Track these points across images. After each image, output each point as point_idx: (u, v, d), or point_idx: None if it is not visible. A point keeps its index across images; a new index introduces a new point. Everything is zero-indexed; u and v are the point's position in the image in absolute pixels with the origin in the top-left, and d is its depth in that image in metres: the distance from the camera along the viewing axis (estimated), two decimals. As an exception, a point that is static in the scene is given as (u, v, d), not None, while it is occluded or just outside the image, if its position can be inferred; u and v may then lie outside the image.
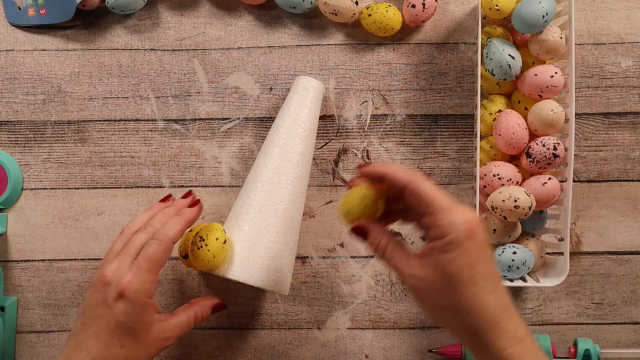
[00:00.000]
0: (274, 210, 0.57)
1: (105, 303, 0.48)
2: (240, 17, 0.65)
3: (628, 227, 0.64)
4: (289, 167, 0.58)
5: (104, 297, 0.49)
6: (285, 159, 0.58)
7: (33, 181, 0.64)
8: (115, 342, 0.48)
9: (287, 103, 0.60)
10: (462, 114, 0.64)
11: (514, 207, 0.54)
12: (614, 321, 0.64)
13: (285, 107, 0.60)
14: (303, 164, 0.59)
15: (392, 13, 0.62)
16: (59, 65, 0.65)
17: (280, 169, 0.58)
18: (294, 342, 0.64)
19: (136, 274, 0.49)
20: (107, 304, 0.48)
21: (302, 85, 0.60)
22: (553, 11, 0.56)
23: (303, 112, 0.59)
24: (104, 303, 0.48)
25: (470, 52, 0.64)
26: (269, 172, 0.58)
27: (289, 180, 0.58)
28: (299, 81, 0.60)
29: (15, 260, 0.64)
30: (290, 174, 0.58)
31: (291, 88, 0.61)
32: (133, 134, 0.64)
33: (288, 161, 0.58)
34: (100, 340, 0.48)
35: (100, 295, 0.49)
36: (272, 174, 0.57)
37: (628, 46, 0.64)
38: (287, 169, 0.58)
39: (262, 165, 0.58)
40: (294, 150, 0.58)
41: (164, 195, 0.63)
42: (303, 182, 0.59)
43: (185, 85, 0.65)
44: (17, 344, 0.64)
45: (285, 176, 0.58)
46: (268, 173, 0.58)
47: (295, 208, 0.58)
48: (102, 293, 0.49)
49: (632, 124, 0.64)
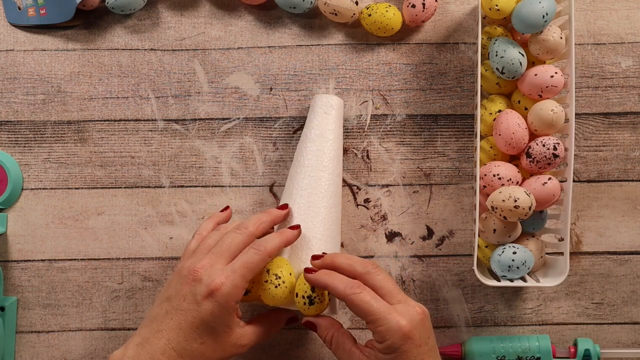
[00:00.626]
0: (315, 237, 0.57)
1: (193, 298, 0.49)
2: (240, 17, 0.65)
3: (628, 227, 0.64)
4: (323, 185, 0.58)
5: (192, 292, 0.49)
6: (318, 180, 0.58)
7: (33, 181, 0.64)
8: (197, 337, 0.50)
9: (311, 123, 0.60)
10: (462, 114, 0.64)
11: (514, 207, 0.54)
12: (614, 321, 0.64)
13: (310, 127, 0.60)
14: (336, 182, 0.59)
15: (392, 13, 0.62)
16: (59, 65, 0.65)
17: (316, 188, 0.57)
18: (294, 342, 0.64)
19: (229, 277, 0.50)
20: (195, 300, 0.49)
21: (329, 105, 0.60)
22: (553, 11, 0.56)
23: (330, 133, 0.59)
24: (193, 298, 0.49)
25: (470, 52, 0.64)
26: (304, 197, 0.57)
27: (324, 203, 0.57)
28: (320, 100, 0.60)
29: (15, 260, 0.64)
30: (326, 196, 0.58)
31: (312, 107, 0.60)
32: (133, 134, 0.64)
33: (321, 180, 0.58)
34: (182, 332, 0.49)
35: (189, 288, 0.50)
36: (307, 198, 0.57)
37: (628, 46, 0.64)
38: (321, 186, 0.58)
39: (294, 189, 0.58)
40: (325, 171, 0.58)
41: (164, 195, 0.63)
42: (337, 198, 0.59)
43: (185, 85, 0.65)
44: (17, 344, 0.64)
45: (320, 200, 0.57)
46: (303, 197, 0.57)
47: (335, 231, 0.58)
48: (191, 287, 0.50)
49: (632, 124, 0.64)
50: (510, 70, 0.57)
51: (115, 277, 0.64)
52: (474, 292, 0.64)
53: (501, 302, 0.64)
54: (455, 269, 0.64)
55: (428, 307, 0.63)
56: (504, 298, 0.64)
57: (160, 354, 0.49)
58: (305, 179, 0.58)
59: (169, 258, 0.64)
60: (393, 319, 0.48)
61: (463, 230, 0.64)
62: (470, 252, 0.64)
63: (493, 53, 0.58)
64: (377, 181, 0.64)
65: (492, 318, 0.64)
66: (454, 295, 0.64)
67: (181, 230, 0.64)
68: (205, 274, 0.50)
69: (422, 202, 0.64)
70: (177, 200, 0.64)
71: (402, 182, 0.64)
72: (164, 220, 0.64)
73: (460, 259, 0.64)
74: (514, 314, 0.64)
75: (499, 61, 0.57)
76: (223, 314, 0.50)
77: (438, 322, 0.64)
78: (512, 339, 0.61)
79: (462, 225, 0.64)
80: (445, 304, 0.63)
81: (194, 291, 0.49)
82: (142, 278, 0.64)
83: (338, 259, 0.53)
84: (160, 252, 0.64)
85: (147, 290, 0.64)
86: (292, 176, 0.59)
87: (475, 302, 0.64)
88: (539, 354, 0.60)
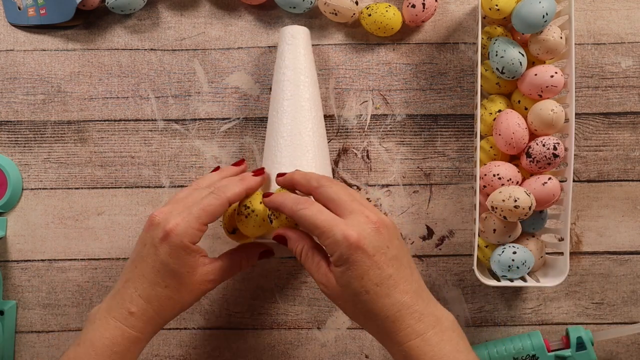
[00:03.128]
0: (304, 162, 0.57)
1: (152, 243, 0.50)
2: (240, 17, 0.65)
3: (628, 227, 0.64)
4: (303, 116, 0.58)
5: (151, 236, 0.50)
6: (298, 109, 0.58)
7: (33, 181, 0.64)
8: (160, 281, 0.50)
9: (280, 56, 0.60)
10: (462, 114, 0.64)
11: (514, 207, 0.54)
12: (614, 321, 0.64)
13: (280, 60, 0.60)
14: (315, 109, 0.59)
15: (392, 13, 0.62)
16: (59, 65, 0.65)
17: (296, 119, 0.58)
18: (294, 342, 0.64)
19: (185, 219, 0.50)
20: (153, 244, 0.50)
21: (290, 35, 0.60)
22: (553, 11, 0.56)
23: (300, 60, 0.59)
24: (151, 242, 0.50)
25: (470, 52, 0.64)
26: (288, 126, 0.58)
27: (309, 128, 0.58)
28: (286, 32, 0.60)
29: (15, 260, 0.64)
30: (308, 122, 0.58)
31: (280, 41, 0.61)
32: (133, 134, 0.64)
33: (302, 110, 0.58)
34: (146, 279, 0.50)
35: (148, 235, 0.50)
36: (291, 127, 0.58)
37: (628, 46, 0.64)
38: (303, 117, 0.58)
39: (277, 122, 0.58)
40: (303, 99, 0.58)
41: (164, 195, 0.63)
42: (320, 126, 0.59)
43: (185, 85, 0.65)
44: (17, 344, 0.64)
45: (304, 125, 0.58)
46: (286, 128, 0.58)
47: (322, 152, 0.59)
48: (150, 232, 0.50)
49: (632, 124, 0.64)
50: (510, 70, 0.57)
51: (115, 277, 0.64)
52: (474, 292, 0.64)
53: (501, 302, 0.64)
54: (455, 269, 0.64)
55: (428, 307, 0.63)
56: (504, 298, 0.64)
57: (129, 302, 0.50)
58: (285, 109, 0.58)
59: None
60: (338, 231, 0.46)
61: (463, 230, 0.64)
62: (470, 252, 0.64)
63: (493, 53, 0.58)
64: (377, 181, 0.64)
65: (492, 318, 0.64)
66: (454, 295, 0.64)
67: (181, 230, 0.64)
68: (162, 218, 0.50)
69: (422, 202, 0.64)
70: (177, 200, 0.64)
71: (402, 182, 0.64)
72: (164, 220, 0.64)
73: (460, 259, 0.64)
74: (514, 314, 0.64)
75: (499, 61, 0.57)
76: (181, 255, 0.50)
77: (438, 322, 0.64)
78: (505, 341, 0.61)
79: (462, 225, 0.64)
80: (445, 304, 0.63)
81: (152, 235, 0.50)
82: (142, 278, 0.64)
83: (296, 175, 0.53)
84: (160, 252, 0.64)
85: (147, 290, 0.64)
86: (272, 109, 0.59)
87: (475, 302, 0.64)
88: (534, 352, 0.60)
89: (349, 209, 0.48)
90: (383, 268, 0.47)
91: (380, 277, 0.47)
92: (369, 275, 0.46)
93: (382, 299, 0.47)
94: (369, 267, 0.46)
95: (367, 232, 0.47)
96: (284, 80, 0.59)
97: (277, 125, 0.58)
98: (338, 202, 0.49)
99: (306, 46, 0.60)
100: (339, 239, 0.46)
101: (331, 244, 0.47)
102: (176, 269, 0.50)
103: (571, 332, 0.60)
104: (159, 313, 0.51)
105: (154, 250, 0.50)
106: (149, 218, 0.51)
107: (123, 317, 0.50)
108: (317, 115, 0.59)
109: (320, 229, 0.47)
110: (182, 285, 0.51)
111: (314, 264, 0.50)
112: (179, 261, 0.50)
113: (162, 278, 0.50)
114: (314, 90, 0.60)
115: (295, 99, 0.58)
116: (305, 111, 0.58)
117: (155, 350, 0.64)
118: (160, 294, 0.50)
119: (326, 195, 0.50)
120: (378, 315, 0.47)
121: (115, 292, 0.51)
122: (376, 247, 0.47)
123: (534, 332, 0.61)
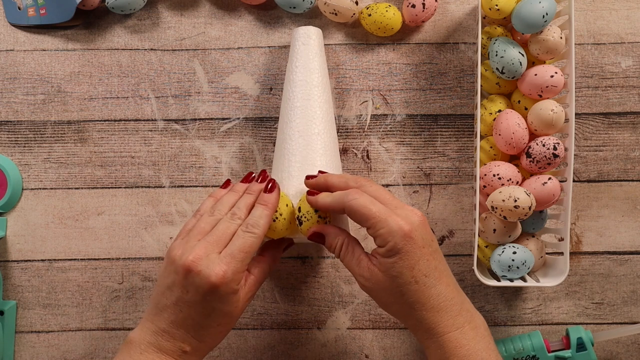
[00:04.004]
0: (318, 165, 0.57)
1: (197, 291, 0.49)
2: (240, 17, 0.65)
3: (628, 227, 0.64)
4: (316, 118, 0.58)
5: (194, 284, 0.49)
6: (309, 111, 0.58)
7: (33, 181, 0.64)
8: (211, 323, 0.50)
9: (297, 56, 0.60)
10: (462, 114, 0.64)
11: (514, 207, 0.54)
12: (614, 321, 0.64)
13: (295, 60, 0.60)
14: (329, 112, 0.59)
15: (392, 13, 0.62)
16: (59, 65, 0.65)
17: (308, 115, 0.58)
18: (294, 342, 0.64)
19: (230, 264, 0.49)
20: (199, 292, 0.49)
21: (305, 35, 0.60)
22: (553, 11, 0.56)
23: (316, 61, 0.59)
24: (196, 291, 0.49)
25: (470, 52, 0.64)
26: (298, 124, 0.58)
27: (322, 131, 0.58)
28: (298, 32, 0.60)
29: (15, 261, 0.64)
30: (321, 124, 0.58)
31: (292, 41, 0.61)
32: (133, 134, 0.64)
33: (314, 113, 0.58)
34: (196, 322, 0.50)
35: (189, 280, 0.49)
36: (303, 128, 0.57)
37: (628, 46, 0.64)
38: (316, 120, 0.58)
39: (287, 122, 0.58)
40: (320, 100, 0.58)
41: (164, 195, 0.63)
42: (333, 129, 0.59)
43: (185, 85, 0.65)
44: (17, 344, 0.64)
45: (318, 128, 0.58)
46: (298, 126, 0.58)
47: (334, 155, 0.59)
48: (192, 279, 0.49)
49: (632, 124, 0.64)
50: (510, 70, 0.57)
51: (115, 277, 0.64)
52: (474, 292, 0.64)
53: (501, 302, 0.64)
54: (455, 269, 0.64)
55: (428, 307, 0.63)
56: (504, 298, 0.64)
57: (181, 342, 0.50)
58: (297, 110, 0.58)
59: None
60: (393, 221, 0.48)
61: (463, 230, 0.64)
62: (470, 252, 0.64)
63: (493, 53, 0.58)
64: (377, 181, 0.64)
65: (492, 318, 0.64)
66: (454, 295, 0.64)
67: (181, 230, 0.64)
68: (203, 265, 0.49)
69: (422, 202, 0.64)
70: (177, 200, 0.64)
71: (402, 182, 0.64)
72: (164, 220, 0.64)
73: (460, 259, 0.64)
74: (514, 314, 0.64)
75: (499, 61, 0.57)
76: (230, 297, 0.50)
77: (438, 322, 0.64)
78: (506, 341, 0.61)
79: (462, 225, 0.64)
80: (445, 304, 0.63)
81: (195, 284, 0.49)
82: (142, 278, 0.64)
83: (331, 177, 0.53)
84: (160, 252, 0.64)
85: (147, 290, 0.64)
86: (283, 111, 0.59)
87: (475, 302, 0.64)
88: (534, 352, 0.60)
89: (393, 203, 0.50)
90: (430, 260, 0.49)
91: (428, 268, 0.48)
92: (419, 266, 0.48)
93: (430, 289, 0.48)
94: (420, 258, 0.48)
95: (417, 224, 0.48)
96: (297, 80, 0.59)
97: (288, 129, 0.58)
98: (382, 199, 0.50)
99: (322, 47, 0.61)
100: (394, 229, 0.47)
101: (385, 234, 0.48)
102: (227, 309, 0.50)
103: (571, 332, 0.60)
104: (210, 345, 0.51)
105: (201, 298, 0.49)
106: (187, 264, 0.49)
107: (177, 355, 0.50)
108: (330, 119, 0.59)
109: (374, 219, 0.48)
110: (232, 318, 0.51)
111: (355, 258, 0.51)
112: (229, 301, 0.50)
113: (213, 320, 0.50)
114: (328, 93, 0.60)
115: (310, 101, 0.58)
116: (318, 114, 0.58)
117: (155, 350, 0.64)
118: (213, 331, 0.50)
119: (370, 193, 0.50)
120: (424, 305, 0.48)
121: (159, 330, 0.50)
122: (425, 239, 0.49)
123: (534, 332, 0.61)
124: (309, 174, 0.55)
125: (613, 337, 0.62)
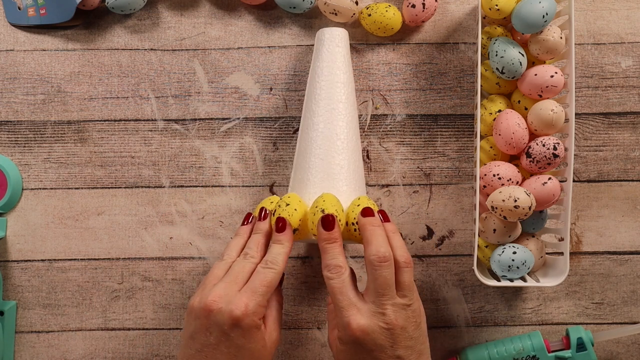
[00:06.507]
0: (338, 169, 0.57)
1: (220, 329, 0.48)
2: (240, 17, 0.65)
3: (628, 227, 0.64)
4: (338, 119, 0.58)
5: (217, 324, 0.48)
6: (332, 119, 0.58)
7: (33, 181, 0.64)
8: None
9: (318, 57, 0.59)
10: (462, 114, 0.64)
11: (514, 207, 0.54)
12: (614, 321, 0.64)
13: (318, 62, 0.59)
14: (352, 116, 0.59)
15: (392, 13, 0.62)
16: (59, 65, 0.65)
17: (331, 124, 0.57)
18: (294, 342, 0.64)
19: (251, 298, 0.49)
20: (222, 331, 0.48)
21: (332, 36, 0.59)
22: (553, 11, 0.56)
23: (339, 64, 0.59)
24: (219, 329, 0.48)
25: (470, 52, 0.64)
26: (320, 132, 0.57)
27: (346, 138, 0.57)
28: (324, 34, 0.59)
29: (15, 261, 0.64)
30: (345, 130, 0.57)
31: (317, 41, 0.60)
32: (133, 134, 0.64)
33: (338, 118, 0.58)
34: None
35: (211, 321, 0.49)
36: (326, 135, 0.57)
37: (628, 46, 0.64)
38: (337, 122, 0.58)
39: (310, 126, 0.58)
40: (338, 102, 0.58)
41: (164, 195, 0.63)
42: (356, 133, 0.59)
43: (185, 85, 0.65)
44: (17, 344, 0.64)
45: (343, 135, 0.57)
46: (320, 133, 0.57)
47: (356, 157, 0.58)
48: (213, 319, 0.48)
49: (632, 124, 0.64)
50: (510, 70, 0.57)
51: (115, 277, 0.64)
52: (474, 292, 0.64)
53: (501, 302, 0.64)
54: (455, 269, 0.64)
55: (428, 307, 0.63)
56: (504, 298, 0.64)
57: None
58: (321, 113, 0.57)
59: (169, 258, 0.64)
60: (345, 316, 0.48)
61: (463, 230, 0.64)
62: (470, 252, 0.64)
63: (493, 53, 0.58)
64: (377, 181, 0.64)
65: (492, 318, 0.64)
66: (454, 295, 0.64)
67: (181, 230, 0.64)
68: (223, 302, 0.48)
69: (422, 202, 0.64)
70: (177, 200, 0.64)
71: (402, 182, 0.64)
72: (164, 220, 0.64)
73: (460, 259, 0.64)
74: (514, 314, 0.64)
75: (499, 61, 0.57)
76: (253, 333, 0.49)
77: (438, 322, 0.64)
78: (506, 341, 0.61)
79: (462, 225, 0.64)
80: (445, 304, 0.63)
81: (217, 322, 0.48)
82: (142, 278, 0.64)
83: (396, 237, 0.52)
84: (160, 252, 0.64)
85: (147, 290, 0.64)
86: (307, 113, 0.59)
87: (475, 302, 0.64)
88: (534, 352, 0.60)
89: (386, 296, 0.49)
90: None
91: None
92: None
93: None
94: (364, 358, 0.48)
95: (373, 328, 0.48)
96: (323, 82, 0.58)
97: (312, 131, 0.57)
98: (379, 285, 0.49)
99: (345, 48, 0.60)
100: (343, 324, 0.48)
101: (341, 323, 0.49)
102: (252, 347, 0.49)
103: (571, 332, 0.60)
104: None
105: (225, 337, 0.48)
106: (207, 304, 0.49)
107: None
108: (353, 120, 0.59)
109: (337, 305, 0.49)
110: (260, 357, 0.50)
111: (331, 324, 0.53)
112: (253, 338, 0.49)
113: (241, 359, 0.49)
114: (351, 93, 0.59)
115: (333, 100, 0.58)
116: (343, 119, 0.58)
117: (156, 350, 0.64)
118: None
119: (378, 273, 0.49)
120: None
121: None
122: (379, 345, 0.48)
123: (534, 332, 0.61)
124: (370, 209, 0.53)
125: (613, 337, 0.62)
